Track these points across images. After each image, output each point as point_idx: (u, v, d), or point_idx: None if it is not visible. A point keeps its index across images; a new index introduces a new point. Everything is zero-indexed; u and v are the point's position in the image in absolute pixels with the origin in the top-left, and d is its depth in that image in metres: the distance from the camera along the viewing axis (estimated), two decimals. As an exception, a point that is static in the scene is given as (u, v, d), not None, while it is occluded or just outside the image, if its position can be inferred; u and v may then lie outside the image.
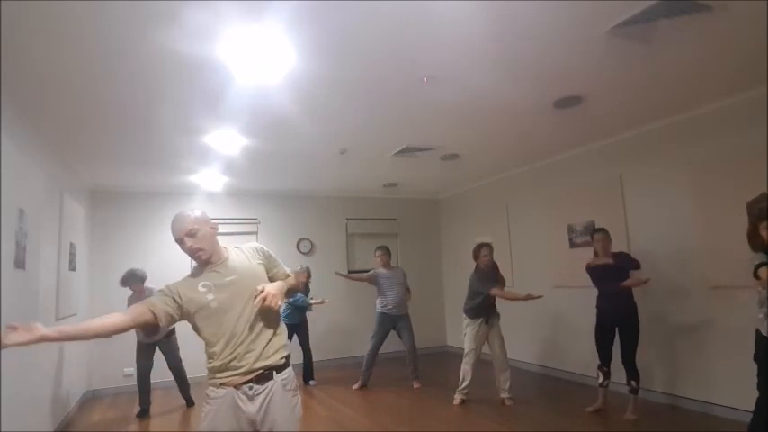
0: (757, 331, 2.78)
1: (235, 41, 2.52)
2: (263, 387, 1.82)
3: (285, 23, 2.39)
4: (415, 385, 5.31)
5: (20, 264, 3.22)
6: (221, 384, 1.81)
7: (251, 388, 1.80)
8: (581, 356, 4.98)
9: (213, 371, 1.84)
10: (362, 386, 5.39)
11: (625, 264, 3.99)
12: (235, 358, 1.80)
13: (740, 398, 2.94)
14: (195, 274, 1.90)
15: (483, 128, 4.30)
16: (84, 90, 3.06)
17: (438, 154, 5.15)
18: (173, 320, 1.84)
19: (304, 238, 7.00)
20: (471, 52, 2.82)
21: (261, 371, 1.82)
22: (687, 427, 3.71)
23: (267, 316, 1.88)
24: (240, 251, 1.97)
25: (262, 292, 1.81)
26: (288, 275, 2.07)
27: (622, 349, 3.96)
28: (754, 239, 2.79)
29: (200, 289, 1.83)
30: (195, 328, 1.87)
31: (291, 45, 2.62)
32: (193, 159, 4.87)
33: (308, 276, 5.68)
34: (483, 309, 4.56)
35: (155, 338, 4.75)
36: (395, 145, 4.76)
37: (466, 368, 4.57)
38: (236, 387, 1.80)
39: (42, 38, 2.41)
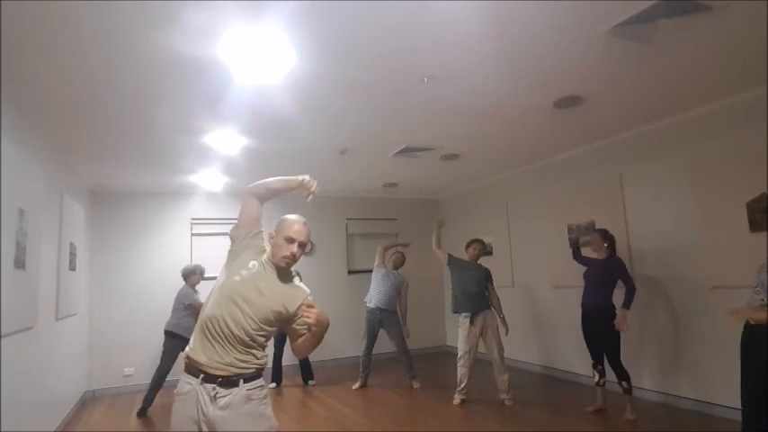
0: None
1: (235, 41, 2.52)
2: (227, 392, 1.77)
3: (285, 23, 2.39)
4: (415, 385, 5.32)
5: (20, 264, 3.22)
6: (188, 362, 1.82)
7: (214, 389, 1.76)
8: (581, 356, 4.97)
9: (194, 337, 1.85)
10: (362, 386, 5.40)
11: (609, 266, 4.01)
12: (214, 340, 1.79)
13: (739, 397, 2.96)
14: (265, 261, 1.94)
15: (483, 128, 4.30)
16: (84, 90, 3.06)
17: (438, 154, 5.15)
18: (248, 233, 1.94)
19: (304, 238, 7.00)
20: (471, 52, 2.82)
21: (227, 371, 1.78)
22: (687, 426, 3.71)
23: (261, 332, 1.86)
24: (300, 286, 1.99)
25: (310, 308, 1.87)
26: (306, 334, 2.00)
27: (605, 352, 3.98)
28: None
29: (250, 264, 1.90)
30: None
31: (291, 45, 2.62)
32: (193, 159, 4.87)
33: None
34: (463, 302, 4.61)
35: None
36: (395, 145, 4.76)
37: (462, 371, 4.57)
38: (202, 383, 1.77)
39: (42, 38, 2.41)
